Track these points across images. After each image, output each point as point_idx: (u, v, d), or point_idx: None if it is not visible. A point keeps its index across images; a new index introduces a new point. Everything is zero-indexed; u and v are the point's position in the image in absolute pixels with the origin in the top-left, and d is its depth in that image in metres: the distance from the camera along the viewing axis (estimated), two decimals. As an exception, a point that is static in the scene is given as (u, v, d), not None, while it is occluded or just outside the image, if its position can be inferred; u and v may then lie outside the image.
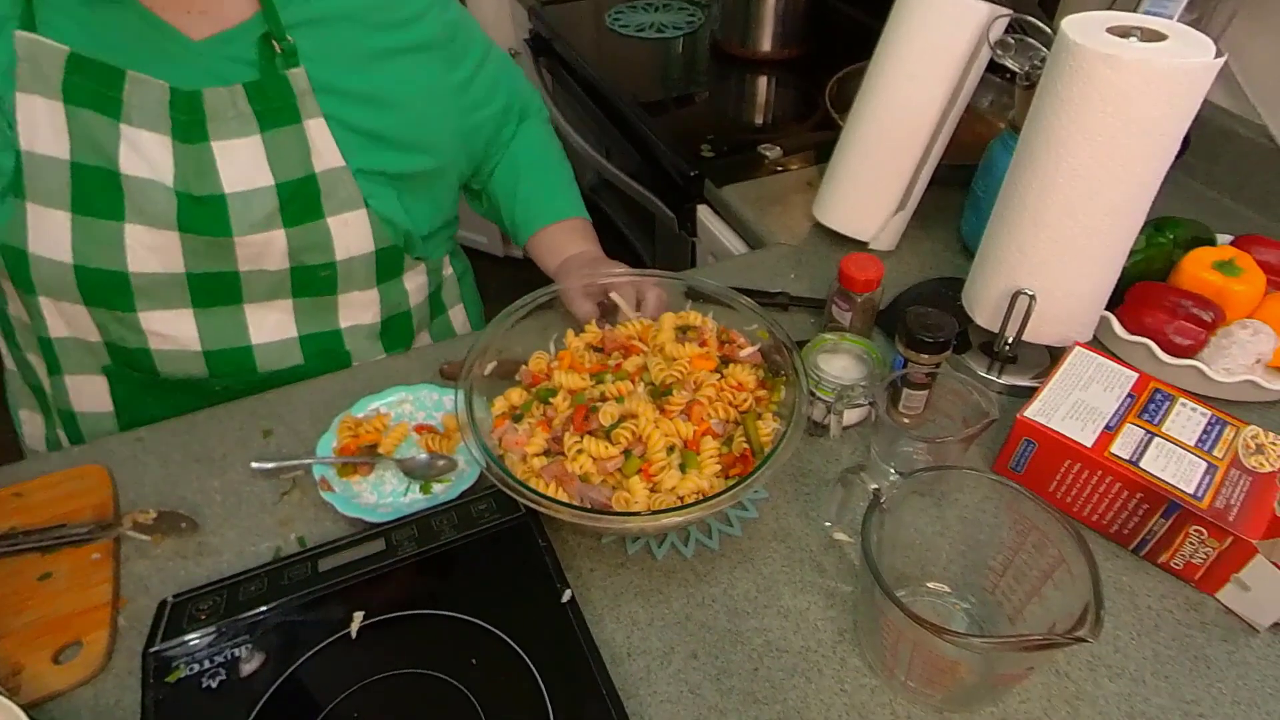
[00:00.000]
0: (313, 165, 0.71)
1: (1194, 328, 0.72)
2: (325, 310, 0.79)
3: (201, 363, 0.76)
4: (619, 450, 0.61)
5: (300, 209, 0.71)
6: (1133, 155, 0.61)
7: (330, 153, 0.71)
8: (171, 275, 0.71)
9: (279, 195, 0.70)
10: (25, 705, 0.49)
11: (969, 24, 0.79)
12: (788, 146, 1.14)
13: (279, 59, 0.69)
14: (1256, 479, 0.59)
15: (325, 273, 0.76)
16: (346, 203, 0.73)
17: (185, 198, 0.68)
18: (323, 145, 0.71)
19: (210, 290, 0.73)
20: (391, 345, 0.86)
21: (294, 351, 0.79)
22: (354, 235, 0.75)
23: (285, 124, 0.69)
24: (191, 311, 0.73)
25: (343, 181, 0.72)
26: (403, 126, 0.76)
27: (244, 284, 0.73)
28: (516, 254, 2.45)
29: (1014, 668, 0.49)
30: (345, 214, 0.74)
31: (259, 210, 0.70)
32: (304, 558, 0.59)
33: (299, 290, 0.76)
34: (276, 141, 0.70)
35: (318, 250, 0.74)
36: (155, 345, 0.74)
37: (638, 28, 1.59)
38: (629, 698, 0.53)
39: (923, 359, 0.68)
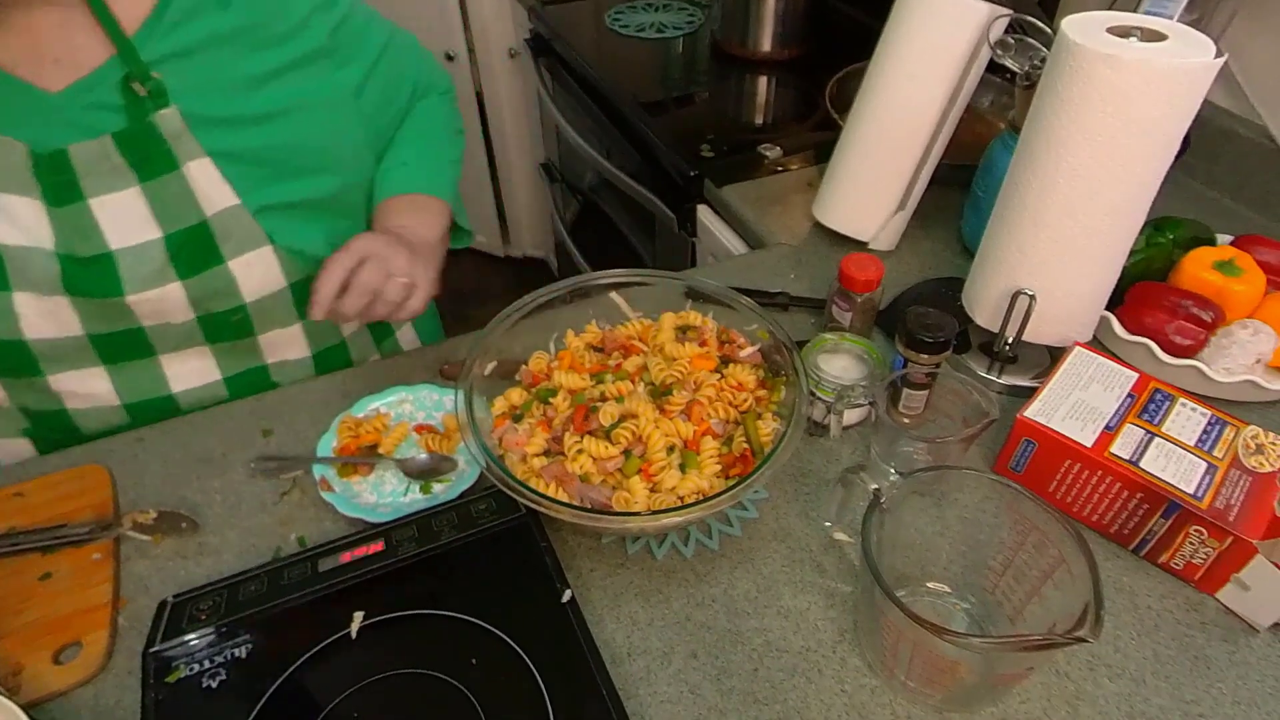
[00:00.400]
0: (202, 210, 0.67)
1: (1194, 328, 0.72)
2: (247, 351, 0.76)
3: (123, 415, 0.74)
4: (619, 450, 0.61)
5: (194, 257, 0.67)
6: (1133, 155, 0.61)
7: (219, 193, 0.67)
8: (71, 338, 0.67)
9: (167, 247, 0.66)
10: (25, 705, 0.49)
11: (969, 24, 0.79)
12: (788, 146, 1.14)
13: (146, 102, 0.63)
14: (1256, 479, 0.59)
15: (236, 317, 0.72)
16: (246, 242, 0.69)
17: (69, 260, 0.64)
18: (209, 187, 0.66)
19: (117, 347, 0.69)
20: None
21: (219, 391, 0.77)
22: (261, 275, 0.71)
23: (164, 171, 0.65)
24: (103, 369, 0.70)
25: (239, 221, 0.68)
26: (302, 151, 0.71)
27: (151, 338, 0.70)
28: (516, 254, 2.46)
29: (1014, 668, 0.49)
30: (247, 255, 0.69)
31: (149, 265, 0.66)
32: (304, 558, 0.59)
33: (213, 337, 0.73)
34: (158, 191, 0.65)
35: (222, 296, 0.70)
36: (71, 405, 0.71)
37: (638, 28, 1.59)
38: (629, 698, 0.53)
39: (923, 359, 0.68)
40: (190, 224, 0.66)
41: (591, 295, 0.72)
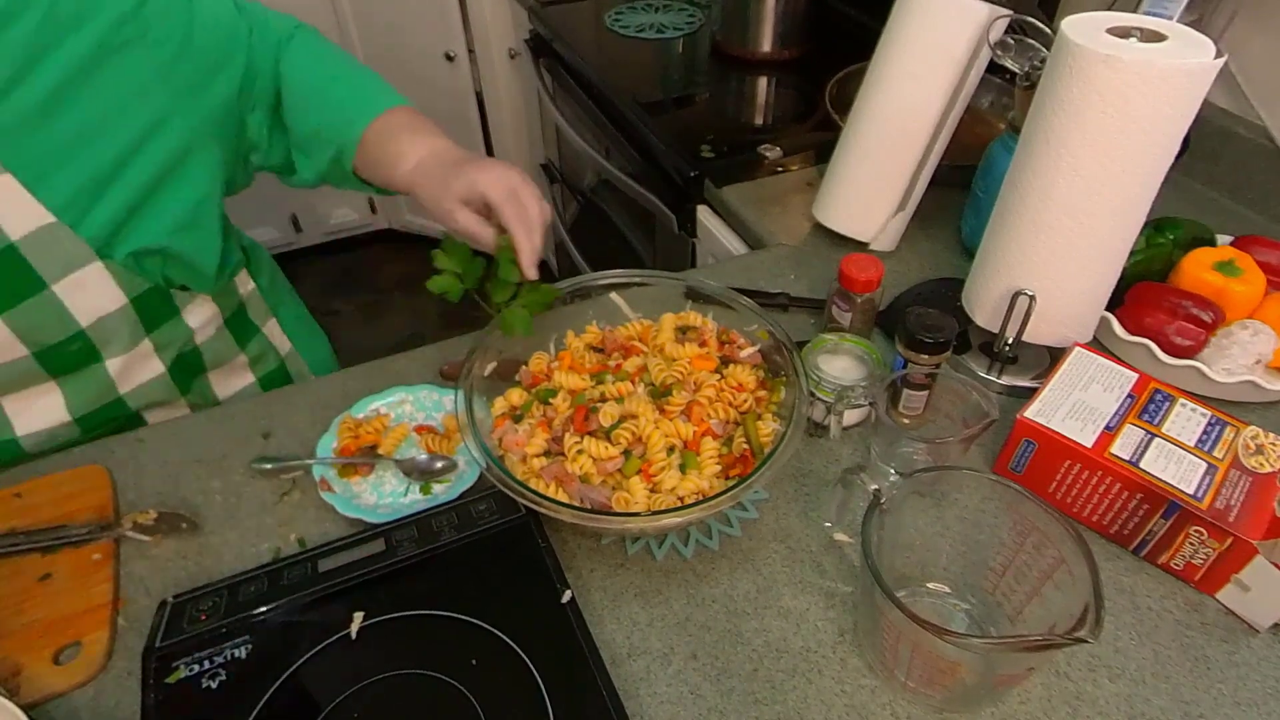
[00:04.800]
0: (7, 235, 0.58)
1: (1194, 328, 0.72)
2: (96, 381, 0.68)
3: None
4: (619, 451, 0.61)
5: (11, 289, 0.60)
6: (1132, 155, 0.61)
7: (26, 212, 0.58)
8: None
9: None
10: (25, 706, 0.49)
11: (969, 24, 0.79)
12: (788, 147, 1.14)
13: None
14: (1256, 479, 0.59)
15: (75, 345, 0.65)
16: (73, 261, 0.61)
17: None
18: (15, 207, 0.58)
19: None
20: (186, 386, 0.76)
21: (71, 432, 0.70)
22: (95, 295, 0.63)
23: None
24: None
25: (57, 239, 0.60)
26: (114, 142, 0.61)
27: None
28: (516, 254, 2.45)
29: (1014, 668, 0.49)
30: (75, 274, 0.61)
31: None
32: (304, 558, 0.59)
33: (55, 370, 0.66)
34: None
35: (53, 326, 0.63)
36: None
37: (638, 28, 1.59)
38: (629, 698, 0.53)
39: (923, 359, 0.68)
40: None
41: (591, 295, 0.72)
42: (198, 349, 0.75)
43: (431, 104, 2.15)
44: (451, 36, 1.99)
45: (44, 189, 0.59)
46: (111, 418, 0.73)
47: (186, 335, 0.73)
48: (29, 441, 0.70)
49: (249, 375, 0.84)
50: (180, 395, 0.76)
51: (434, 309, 2.37)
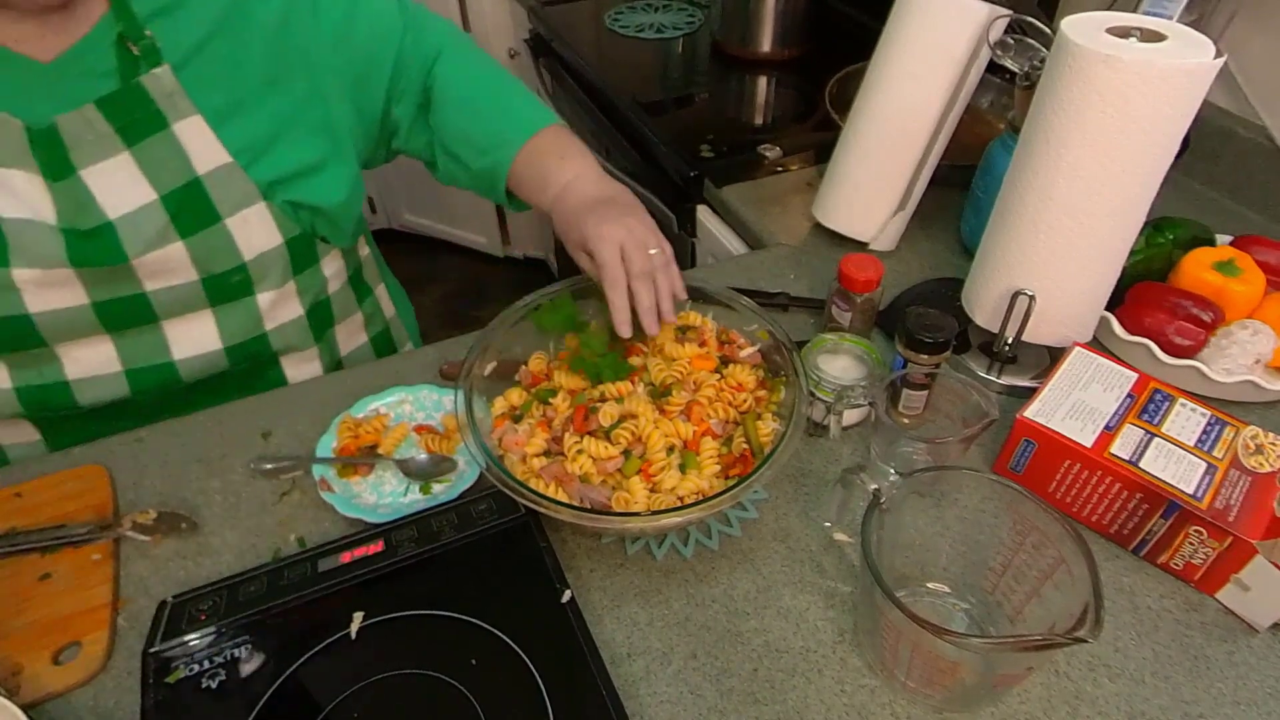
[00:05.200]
0: (194, 169, 0.66)
1: (1194, 328, 0.72)
2: (246, 314, 0.75)
3: (123, 383, 0.73)
4: (619, 450, 0.61)
5: (193, 217, 0.67)
6: (1132, 155, 0.61)
7: (211, 151, 0.67)
8: (76, 309, 0.67)
9: (166, 208, 0.66)
10: (25, 706, 0.49)
11: (969, 24, 0.79)
12: (787, 147, 1.14)
13: (140, 62, 0.63)
14: (1256, 479, 0.59)
15: (237, 277, 0.72)
16: (243, 200, 0.69)
17: (72, 234, 0.64)
18: (201, 145, 0.66)
19: (120, 316, 0.69)
20: (320, 334, 0.83)
21: (219, 360, 0.76)
22: (257, 232, 0.71)
23: (151, 133, 0.64)
24: (108, 338, 0.70)
25: (233, 178, 0.68)
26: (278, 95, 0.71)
27: (154, 304, 0.70)
28: (516, 254, 2.46)
29: (1014, 668, 0.49)
30: (244, 211, 0.69)
31: (150, 228, 0.66)
32: (303, 558, 0.59)
33: (215, 299, 0.72)
34: (147, 154, 0.65)
35: (222, 255, 0.70)
36: (73, 375, 0.71)
37: (637, 28, 1.59)
38: (629, 698, 0.53)
39: (922, 359, 0.68)
40: (183, 183, 0.66)
41: (591, 295, 0.72)
42: (329, 299, 0.83)
43: (431, 104, 2.14)
44: (451, 36, 1.99)
45: (225, 132, 0.67)
46: (256, 352, 0.78)
47: (321, 283, 0.81)
48: (185, 368, 0.75)
49: (363, 335, 0.91)
50: (313, 343, 0.83)
51: (434, 309, 2.37)
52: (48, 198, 0.63)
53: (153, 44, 0.63)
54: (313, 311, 0.81)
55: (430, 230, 2.51)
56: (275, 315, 0.77)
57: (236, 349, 0.76)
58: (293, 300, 0.78)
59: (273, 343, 0.79)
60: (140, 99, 0.64)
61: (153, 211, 0.66)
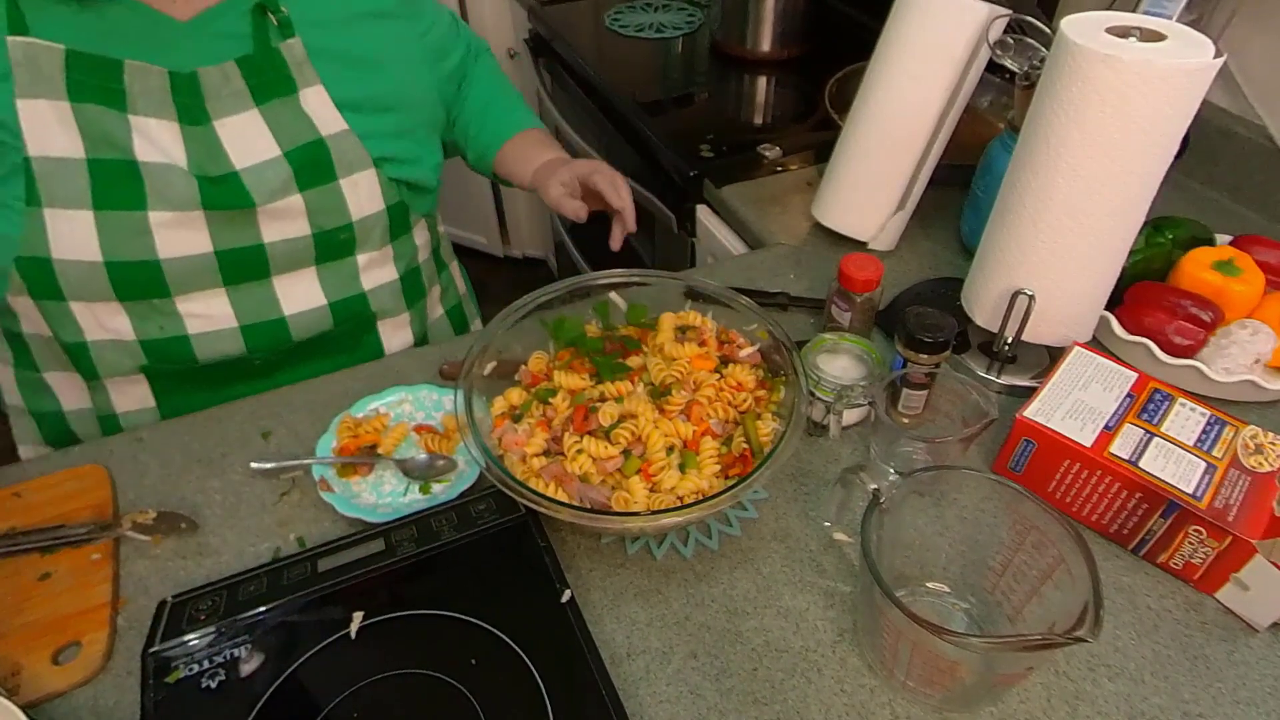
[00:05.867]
0: (318, 130, 0.73)
1: (1193, 328, 0.72)
2: (348, 273, 0.81)
3: (239, 339, 0.77)
4: (618, 450, 0.61)
5: (313, 173, 0.74)
6: (1132, 155, 0.61)
7: (332, 118, 0.74)
8: (201, 256, 0.71)
9: (290, 163, 0.72)
10: (24, 705, 0.49)
11: (968, 24, 0.79)
12: (787, 146, 1.14)
13: (274, 31, 0.70)
14: (1255, 479, 0.59)
15: (344, 235, 0.78)
16: (356, 164, 0.76)
17: (203, 180, 0.69)
18: (324, 111, 0.73)
19: (239, 266, 0.74)
20: (411, 300, 0.89)
21: (324, 318, 0.81)
22: (365, 195, 0.77)
23: (280, 95, 0.71)
24: (224, 290, 0.75)
25: (350, 144, 0.75)
26: (386, 89, 0.79)
27: (270, 256, 0.75)
28: (516, 254, 2.46)
29: (1013, 668, 0.49)
30: (355, 175, 0.76)
31: (275, 179, 0.72)
32: (303, 558, 0.59)
33: (322, 256, 0.78)
34: (274, 113, 0.71)
35: (334, 212, 0.76)
36: (193, 329, 0.75)
37: (637, 28, 1.59)
38: (628, 698, 0.53)
39: (922, 359, 0.68)
40: (307, 141, 0.73)
41: (591, 295, 0.72)
42: (419, 268, 0.90)
43: (431, 104, 2.14)
44: (451, 36, 1.99)
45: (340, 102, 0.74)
46: (356, 312, 0.83)
47: (413, 251, 0.88)
48: (294, 324, 0.80)
49: (440, 307, 0.99)
50: (405, 309, 0.88)
51: (433, 309, 2.37)
52: (180, 145, 0.68)
53: (288, 17, 0.71)
54: (406, 278, 0.87)
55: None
56: (372, 276, 0.83)
57: (339, 305, 0.81)
58: (389, 264, 0.84)
59: (371, 303, 0.84)
60: (276, 63, 0.71)
61: (277, 165, 0.72)
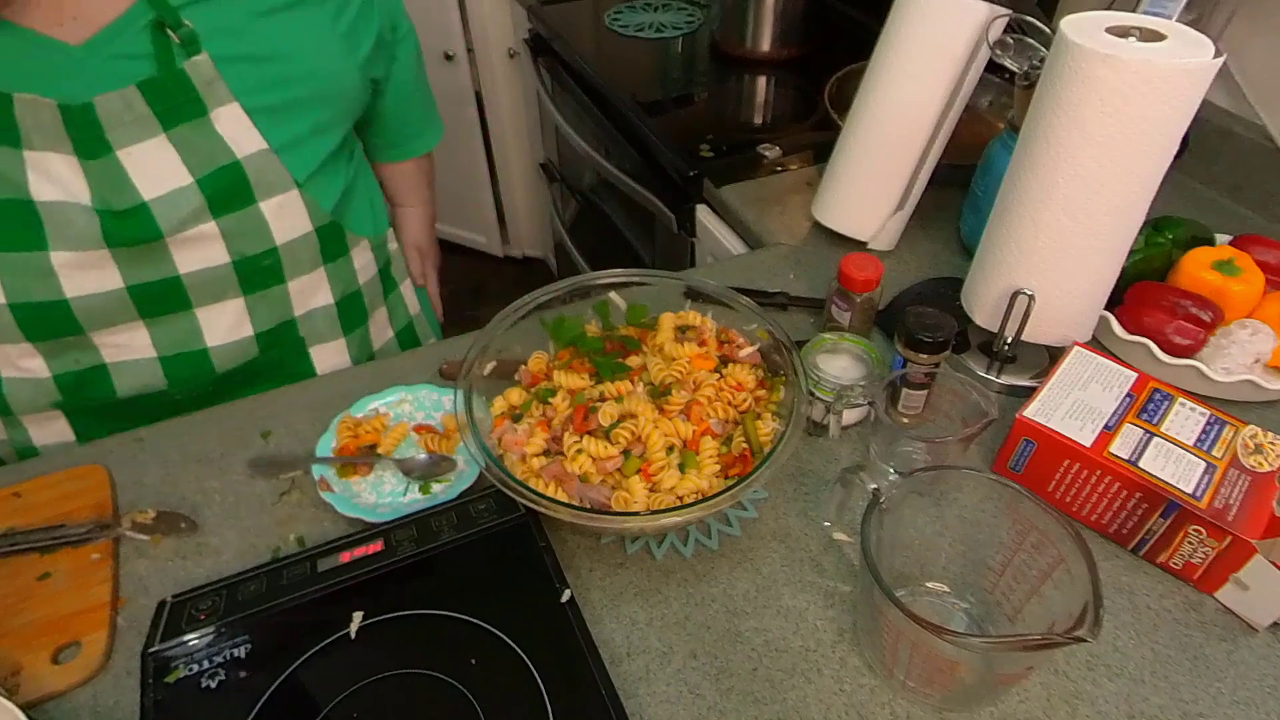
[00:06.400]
0: (234, 153, 0.69)
1: (1193, 327, 0.72)
2: (277, 300, 0.78)
3: (159, 370, 0.75)
4: (618, 450, 0.61)
5: (229, 198, 0.70)
6: (1132, 155, 0.61)
7: (248, 137, 0.69)
8: (111, 293, 0.69)
9: (203, 190, 0.68)
10: (24, 705, 0.49)
11: (968, 24, 0.79)
12: (787, 146, 1.14)
13: (177, 49, 0.65)
14: (1255, 479, 0.59)
15: (268, 261, 0.74)
16: (277, 185, 0.72)
17: (107, 214, 0.65)
18: (239, 131, 0.68)
19: (154, 300, 0.71)
20: (350, 325, 0.86)
21: (250, 347, 0.78)
22: (289, 218, 0.74)
23: (189, 119, 0.66)
24: (142, 323, 0.72)
25: (268, 164, 0.71)
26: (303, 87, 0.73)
27: (188, 287, 0.72)
28: (516, 254, 2.46)
29: (1013, 667, 0.49)
30: (277, 197, 0.72)
31: (185, 208, 0.68)
32: (303, 558, 0.59)
33: (247, 285, 0.75)
34: (183, 139, 0.67)
35: (255, 237, 0.72)
36: (110, 358, 0.72)
37: (637, 27, 1.59)
38: (628, 698, 0.53)
39: (922, 359, 0.68)
40: (222, 165, 0.68)
41: (591, 295, 0.72)
42: (359, 291, 0.87)
43: (431, 103, 2.14)
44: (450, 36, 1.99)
45: (259, 120, 0.69)
46: (285, 339, 0.81)
47: (351, 274, 0.85)
48: (217, 355, 0.77)
49: (389, 330, 0.95)
50: (342, 334, 0.86)
51: (433, 309, 2.37)
52: (82, 179, 0.64)
53: (193, 32, 0.65)
54: (343, 302, 0.84)
55: (430, 230, 2.51)
56: (305, 302, 0.80)
57: (267, 335, 0.79)
58: (323, 288, 0.81)
59: (301, 330, 0.81)
60: (183, 84, 0.65)
61: (189, 193, 0.68)
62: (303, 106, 0.73)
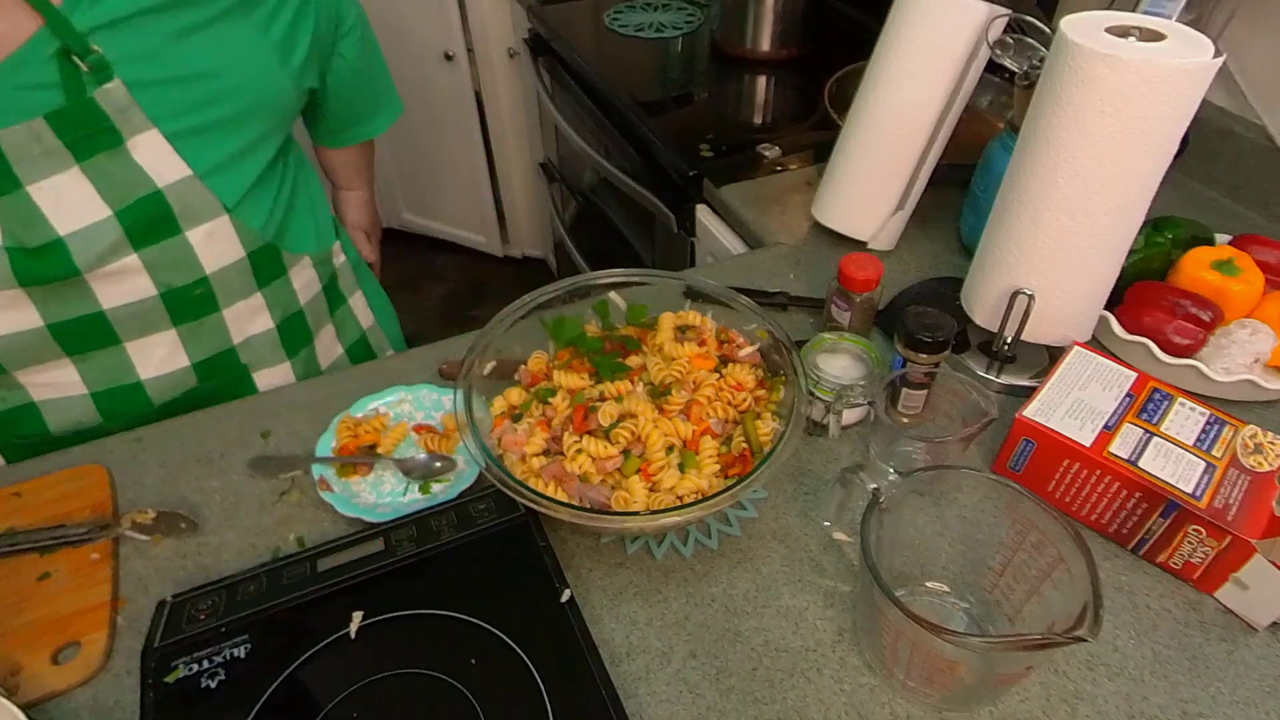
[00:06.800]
0: (155, 182, 0.65)
1: (1193, 327, 0.72)
2: (214, 331, 0.75)
3: (91, 407, 0.73)
4: (618, 450, 0.61)
5: (151, 229, 0.66)
6: (1131, 155, 0.62)
7: (169, 165, 0.65)
8: (30, 332, 0.66)
9: (121, 222, 0.65)
10: (24, 705, 0.49)
11: (968, 24, 0.79)
12: (787, 146, 1.14)
13: (87, 77, 0.60)
14: (1255, 478, 0.59)
15: (199, 290, 0.71)
16: (204, 212, 0.68)
17: (18, 252, 0.63)
18: (158, 159, 0.65)
19: (78, 337, 0.69)
20: (294, 348, 0.83)
21: (188, 378, 0.76)
22: (219, 245, 0.70)
23: (104, 149, 0.62)
24: (69, 361, 0.70)
25: (194, 191, 0.67)
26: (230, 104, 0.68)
27: (114, 322, 0.69)
28: (515, 253, 2.46)
29: (1013, 667, 0.49)
30: (206, 224, 0.69)
31: (103, 242, 0.65)
32: (303, 558, 0.59)
33: (178, 316, 0.72)
34: (99, 170, 0.63)
35: (182, 268, 0.69)
36: (39, 397, 0.71)
37: (637, 27, 1.59)
38: (628, 697, 0.53)
39: (921, 358, 0.68)
40: (142, 195, 0.65)
41: (590, 295, 0.72)
42: (301, 312, 0.83)
43: (430, 104, 2.15)
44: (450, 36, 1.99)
45: (182, 145, 0.66)
46: (225, 367, 0.78)
47: (291, 295, 0.81)
48: (153, 388, 0.74)
49: (338, 347, 0.92)
50: (285, 357, 0.83)
51: (433, 308, 2.37)
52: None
53: (103, 59, 0.60)
54: (284, 325, 0.81)
55: (429, 230, 2.51)
56: (243, 329, 0.77)
57: (205, 364, 0.76)
58: (261, 313, 0.78)
59: (242, 356, 0.79)
60: (94, 114, 0.61)
61: (106, 227, 0.64)
62: (232, 125, 0.69)
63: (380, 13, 2.08)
